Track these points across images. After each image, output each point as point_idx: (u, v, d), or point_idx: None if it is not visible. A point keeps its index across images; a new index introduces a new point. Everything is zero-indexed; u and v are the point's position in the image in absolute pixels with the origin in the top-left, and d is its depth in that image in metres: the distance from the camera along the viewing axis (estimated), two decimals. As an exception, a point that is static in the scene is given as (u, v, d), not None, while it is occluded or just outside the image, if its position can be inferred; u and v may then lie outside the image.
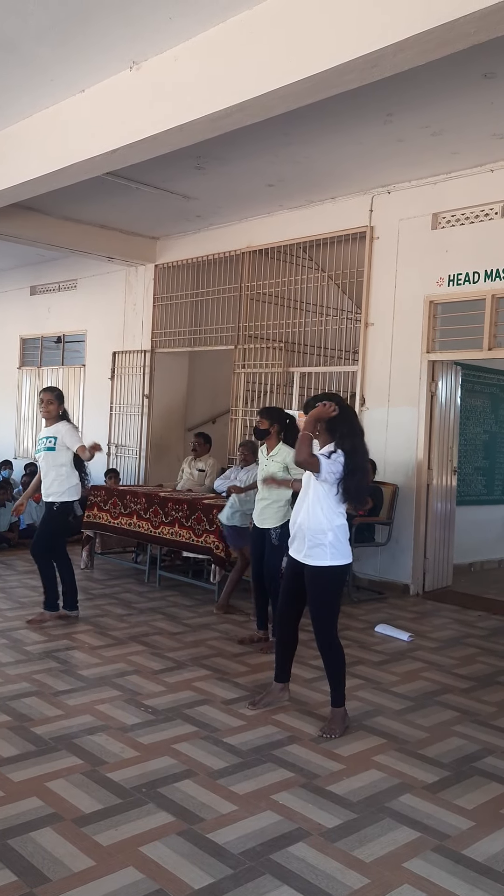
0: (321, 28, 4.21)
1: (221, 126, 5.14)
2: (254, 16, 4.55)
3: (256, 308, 8.89)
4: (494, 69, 5.09)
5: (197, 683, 4.64)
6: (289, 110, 4.89)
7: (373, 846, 2.93)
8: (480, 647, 5.79)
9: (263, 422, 5.46)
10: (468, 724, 4.25)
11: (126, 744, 3.73)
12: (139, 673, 4.79)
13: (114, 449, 10.82)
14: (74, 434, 5.80)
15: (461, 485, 8.43)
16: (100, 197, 8.30)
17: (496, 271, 6.80)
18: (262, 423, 5.47)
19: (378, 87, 4.88)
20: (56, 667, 4.82)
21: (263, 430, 5.47)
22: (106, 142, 5.66)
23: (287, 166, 7.19)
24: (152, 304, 10.35)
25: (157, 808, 3.13)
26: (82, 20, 4.72)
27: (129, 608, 6.42)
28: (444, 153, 6.67)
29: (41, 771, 3.40)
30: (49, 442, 5.79)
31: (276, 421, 5.45)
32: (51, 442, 5.78)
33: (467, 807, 3.29)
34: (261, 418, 5.49)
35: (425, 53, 4.03)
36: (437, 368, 7.42)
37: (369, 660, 5.33)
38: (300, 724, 4.08)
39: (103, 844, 2.84)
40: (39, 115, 6.23)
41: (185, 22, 4.72)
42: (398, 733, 4.06)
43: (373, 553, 7.62)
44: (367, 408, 7.74)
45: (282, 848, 2.88)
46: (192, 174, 7.50)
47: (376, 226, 7.73)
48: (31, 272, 12.47)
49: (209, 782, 3.37)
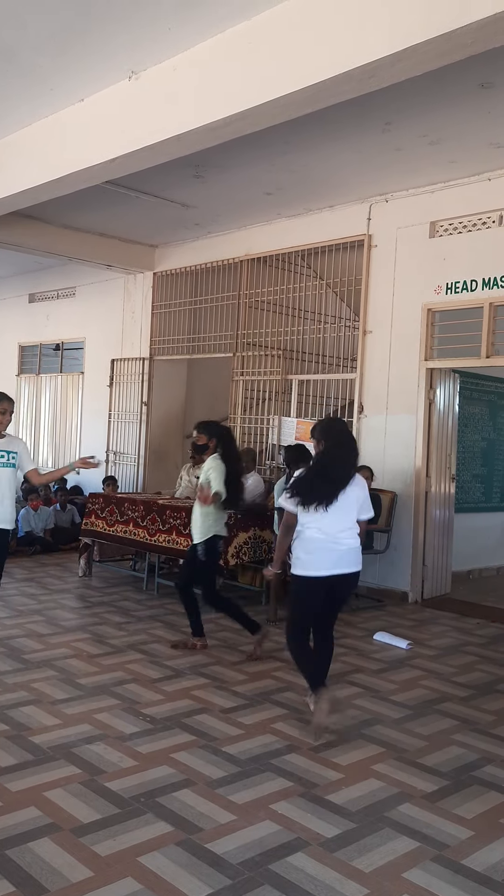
0: (319, 38, 4.23)
1: (220, 135, 5.16)
2: (252, 26, 4.57)
3: (255, 316, 8.91)
4: (492, 79, 5.12)
5: (195, 692, 4.63)
6: (287, 119, 4.91)
7: (372, 856, 2.92)
8: (479, 655, 5.78)
9: (201, 437, 5.51)
10: (467, 732, 4.24)
11: (124, 753, 3.72)
12: (137, 681, 4.78)
13: (112, 456, 10.82)
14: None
15: (459, 492, 8.44)
16: (99, 205, 8.33)
17: (494, 279, 6.82)
18: (199, 438, 5.52)
19: (376, 97, 4.91)
20: (54, 675, 4.81)
21: (201, 445, 5.51)
22: (105, 151, 5.68)
23: (285, 175, 7.21)
24: (151, 312, 10.37)
25: (156, 817, 3.12)
26: (82, 30, 4.74)
27: (128, 616, 6.41)
28: (442, 162, 6.70)
29: (39, 780, 3.39)
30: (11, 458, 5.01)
31: (213, 435, 5.50)
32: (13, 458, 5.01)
33: (466, 816, 3.28)
34: (198, 433, 5.55)
35: (423, 64, 4.05)
36: (435, 376, 7.43)
37: (368, 668, 5.32)
38: (299, 733, 4.07)
39: (101, 855, 2.83)
40: (39, 124, 6.25)
41: (184, 32, 4.75)
42: (397, 742, 4.05)
43: (371, 561, 7.61)
44: (365, 415, 7.75)
45: (281, 858, 2.87)
46: (190, 182, 7.53)
47: (374, 234, 7.76)
48: (30, 280, 12.49)
49: (208, 792, 3.36)
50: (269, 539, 6.86)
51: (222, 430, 5.62)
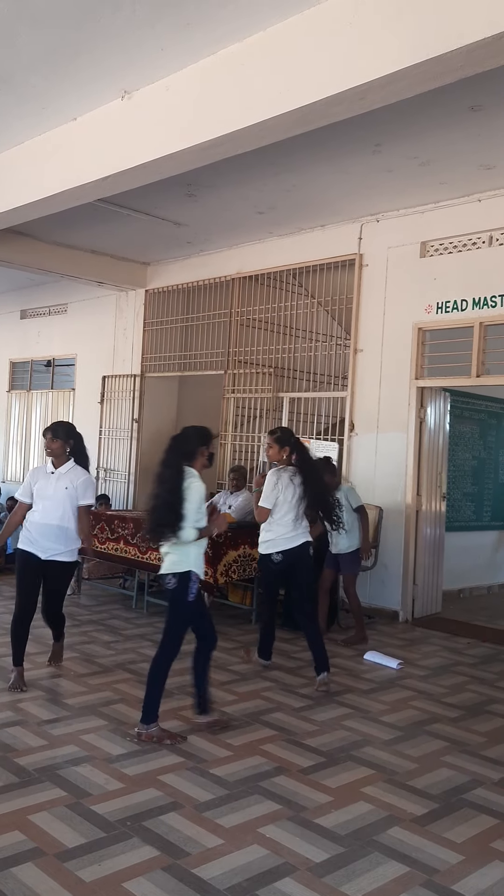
0: (311, 61, 4.27)
1: (212, 155, 5.19)
2: (244, 48, 4.61)
3: (246, 333, 8.92)
4: (481, 102, 5.17)
5: (183, 712, 4.58)
6: (279, 140, 4.95)
7: (361, 881, 2.88)
8: (470, 676, 5.75)
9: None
10: (457, 754, 4.21)
11: (111, 775, 3.67)
12: (125, 701, 4.72)
13: (103, 473, 10.78)
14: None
15: (450, 510, 8.43)
16: (91, 223, 8.35)
17: (484, 299, 6.86)
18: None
19: (367, 119, 4.94)
20: (41, 695, 4.76)
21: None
22: (97, 169, 5.70)
23: (277, 194, 7.25)
24: (142, 329, 10.38)
25: (142, 842, 3.07)
26: (75, 50, 4.77)
27: (116, 635, 6.35)
28: (433, 183, 6.75)
29: (24, 804, 3.34)
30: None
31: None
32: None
33: (456, 840, 3.24)
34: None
35: (414, 86, 4.09)
36: (425, 395, 7.45)
37: (358, 688, 5.28)
38: (288, 755, 4.03)
39: (86, 880, 2.78)
40: (31, 143, 6.27)
41: (177, 53, 4.78)
42: (387, 764, 4.01)
43: (362, 579, 7.56)
44: (356, 433, 7.75)
45: (268, 883, 2.83)
46: (183, 201, 7.56)
47: (365, 253, 7.80)
48: (22, 296, 12.49)
49: (195, 815, 3.32)
50: (260, 557, 6.81)
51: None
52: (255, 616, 6.91)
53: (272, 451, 5.38)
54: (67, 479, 5.05)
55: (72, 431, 5.20)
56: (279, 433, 5.46)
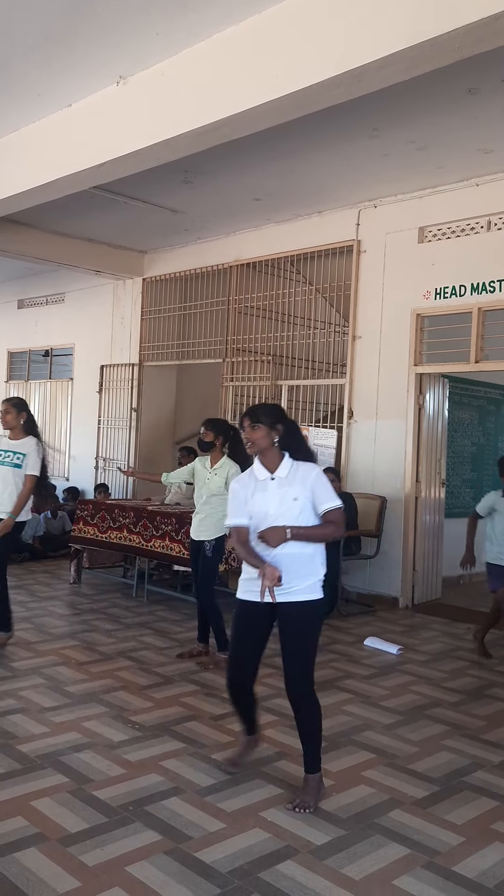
0: (307, 43, 4.23)
1: (208, 140, 5.16)
2: (240, 32, 4.58)
3: (244, 321, 8.90)
4: (479, 85, 5.14)
5: (185, 699, 4.60)
6: (275, 125, 4.92)
7: (362, 863, 2.90)
8: (469, 660, 5.77)
9: (208, 433, 5.36)
10: (458, 738, 4.23)
11: (113, 761, 3.68)
12: (126, 689, 4.74)
13: (102, 463, 10.78)
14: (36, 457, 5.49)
15: (449, 497, 8.43)
16: (87, 211, 8.31)
17: (482, 284, 6.84)
18: (206, 434, 5.37)
19: (364, 102, 4.91)
20: (42, 683, 4.77)
21: (208, 441, 5.37)
22: (93, 156, 5.67)
23: (274, 180, 7.22)
24: (140, 318, 10.35)
25: (144, 826, 3.09)
26: (70, 36, 4.73)
27: (117, 623, 6.37)
28: (430, 168, 6.72)
29: (26, 790, 3.35)
30: (17, 458, 5.47)
31: (220, 433, 5.38)
32: (18, 458, 5.46)
33: (457, 822, 3.26)
34: (205, 430, 5.40)
35: (410, 69, 4.06)
36: (424, 381, 7.44)
37: (358, 674, 5.30)
38: (288, 740, 4.04)
39: (89, 864, 2.79)
40: (26, 129, 6.24)
41: (172, 38, 4.74)
42: (387, 748, 4.03)
43: (362, 566, 7.60)
44: (355, 421, 7.75)
45: (270, 866, 2.84)
46: (179, 188, 7.52)
47: (363, 239, 7.77)
48: (19, 286, 12.45)
49: (197, 800, 3.33)
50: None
51: (230, 429, 5.45)
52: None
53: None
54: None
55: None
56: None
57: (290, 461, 3.41)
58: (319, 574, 3.36)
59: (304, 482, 3.34)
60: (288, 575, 3.27)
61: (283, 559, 3.27)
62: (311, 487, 3.33)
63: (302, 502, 3.32)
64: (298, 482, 3.34)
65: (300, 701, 3.36)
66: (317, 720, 3.38)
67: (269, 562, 3.25)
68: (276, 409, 3.57)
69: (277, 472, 3.39)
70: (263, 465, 3.43)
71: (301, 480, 3.34)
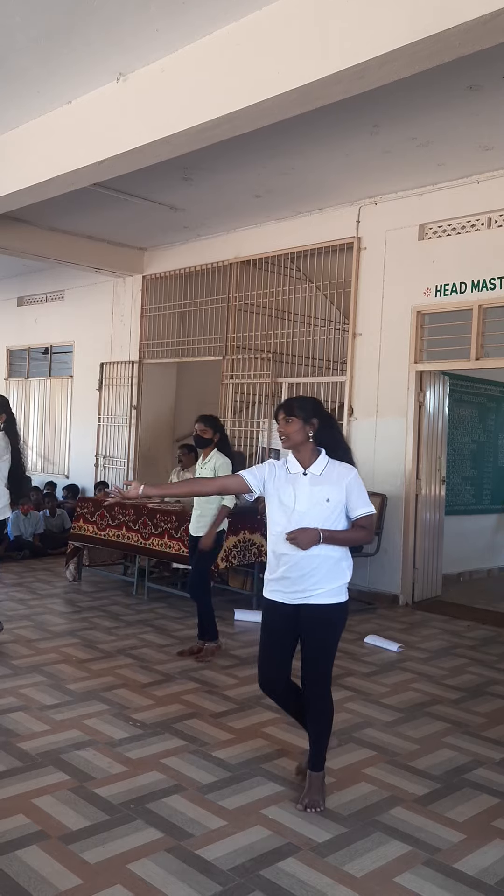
0: (308, 40, 4.22)
1: (208, 137, 5.14)
2: (240, 28, 4.56)
3: (244, 319, 8.89)
4: (480, 81, 5.12)
5: (185, 696, 4.60)
6: (276, 122, 4.90)
7: (363, 861, 2.90)
8: (470, 658, 5.78)
9: (207, 430, 5.48)
10: (458, 735, 4.23)
11: (114, 759, 3.69)
12: (127, 686, 4.74)
13: (101, 460, 10.78)
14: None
15: (450, 494, 8.44)
16: (87, 208, 8.29)
17: (483, 282, 6.83)
18: (205, 431, 5.48)
19: (364, 99, 4.90)
20: (43, 681, 4.77)
21: (207, 438, 5.48)
22: (92, 153, 5.65)
23: (274, 178, 7.20)
24: (140, 315, 10.34)
25: (145, 824, 3.09)
26: (69, 33, 4.72)
27: (117, 621, 6.37)
28: (431, 165, 6.71)
29: (27, 787, 3.35)
30: None
31: (217, 429, 5.52)
32: None
33: (458, 819, 3.27)
34: (204, 427, 5.49)
35: (411, 65, 4.05)
36: (424, 378, 7.44)
37: (358, 671, 5.30)
38: (289, 738, 4.04)
39: (90, 862, 2.80)
40: (26, 127, 6.22)
41: (172, 34, 4.73)
42: (388, 745, 4.03)
43: (362, 564, 7.59)
44: (355, 418, 7.74)
45: (272, 864, 2.84)
46: (179, 185, 7.51)
47: (363, 237, 7.76)
48: (19, 283, 12.44)
49: (198, 797, 3.34)
50: (260, 542, 6.83)
51: (222, 427, 5.64)
52: (255, 601, 6.93)
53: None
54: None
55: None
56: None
57: (325, 459, 3.32)
58: (346, 578, 3.32)
59: (339, 483, 3.26)
60: (315, 577, 3.25)
61: (312, 561, 3.23)
62: (346, 490, 3.26)
63: (334, 504, 3.24)
64: (333, 483, 3.26)
65: (316, 701, 3.34)
66: (329, 721, 3.38)
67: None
68: (312, 402, 3.42)
69: (311, 468, 3.30)
70: (297, 460, 3.36)
71: (336, 481, 3.26)
